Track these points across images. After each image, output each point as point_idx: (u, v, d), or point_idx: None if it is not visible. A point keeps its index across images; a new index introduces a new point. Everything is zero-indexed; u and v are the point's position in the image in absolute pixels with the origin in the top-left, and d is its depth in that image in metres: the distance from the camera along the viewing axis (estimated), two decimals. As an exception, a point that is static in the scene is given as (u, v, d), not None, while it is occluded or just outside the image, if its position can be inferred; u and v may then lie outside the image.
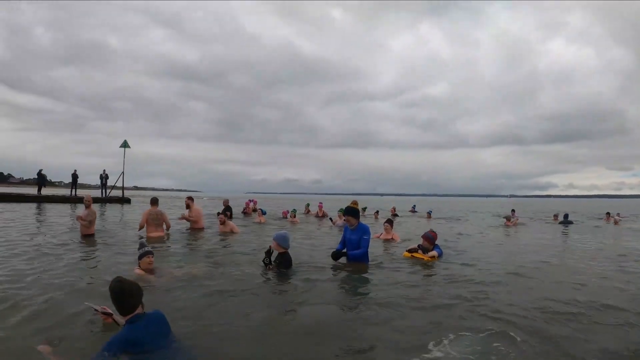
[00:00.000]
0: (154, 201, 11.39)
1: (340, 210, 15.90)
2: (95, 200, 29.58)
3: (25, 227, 12.40)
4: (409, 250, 8.75)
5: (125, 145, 32.74)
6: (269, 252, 6.68)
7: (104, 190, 33.95)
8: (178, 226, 12.76)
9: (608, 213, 24.63)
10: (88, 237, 10.06)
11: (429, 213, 24.22)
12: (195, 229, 12.25)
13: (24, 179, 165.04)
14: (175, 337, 3.68)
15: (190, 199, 12.98)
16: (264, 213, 17.39)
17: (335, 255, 7.42)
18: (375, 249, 9.40)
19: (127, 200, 33.44)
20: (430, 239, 8.59)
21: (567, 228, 18.17)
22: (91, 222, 10.42)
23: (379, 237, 11.40)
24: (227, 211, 16.71)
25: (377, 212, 24.05)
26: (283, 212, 20.07)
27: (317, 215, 20.78)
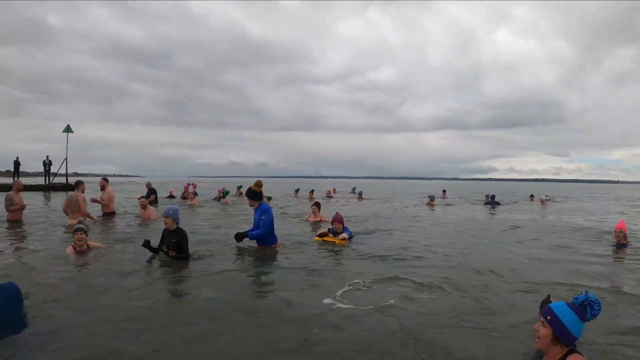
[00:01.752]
0: (75, 185, 11.26)
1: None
2: (39, 187, 29.50)
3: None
4: (320, 235, 8.87)
5: (68, 130, 31.66)
6: (147, 243, 6.41)
7: (47, 178, 32.83)
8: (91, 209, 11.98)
9: (532, 195, 26.76)
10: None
11: (360, 194, 25.42)
12: (107, 214, 12.07)
13: None
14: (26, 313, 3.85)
15: (105, 180, 12.58)
16: (224, 195, 18.96)
17: (238, 236, 7.40)
18: (293, 231, 10.00)
19: (71, 187, 32.29)
20: (339, 220, 8.85)
21: (493, 208, 19.22)
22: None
23: (307, 219, 11.91)
24: (151, 194, 17.00)
25: (312, 191, 25.10)
26: (218, 191, 20.96)
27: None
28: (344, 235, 8.53)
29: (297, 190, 27.42)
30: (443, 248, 8.06)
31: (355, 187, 35.05)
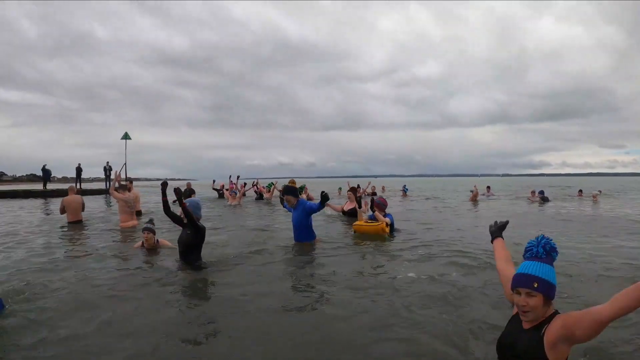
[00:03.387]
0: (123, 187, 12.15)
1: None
2: (101, 191, 31.17)
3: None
4: (358, 224, 8.98)
5: (126, 136, 33.69)
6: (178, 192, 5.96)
7: (107, 182, 33.94)
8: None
9: (580, 190, 25.73)
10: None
11: (404, 190, 25.41)
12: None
13: (17, 176, 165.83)
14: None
15: (130, 182, 13.41)
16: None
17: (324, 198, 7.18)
18: (329, 224, 10.58)
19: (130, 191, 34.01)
20: (380, 205, 8.95)
21: (542, 204, 18.97)
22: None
23: (343, 208, 12.01)
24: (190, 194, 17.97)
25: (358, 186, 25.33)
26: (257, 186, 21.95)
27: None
28: (386, 220, 8.57)
29: (340, 189, 26.48)
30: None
31: (405, 185, 34.19)
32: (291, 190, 7.83)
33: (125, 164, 34.02)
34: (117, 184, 12.36)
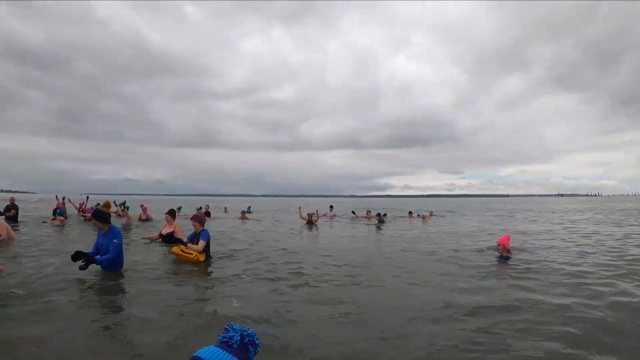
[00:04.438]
0: None
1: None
2: None
3: None
4: (178, 245, 8.86)
5: None
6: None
7: None
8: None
9: (410, 212, 28.42)
10: None
11: (243, 212, 25.19)
12: None
13: None
14: None
15: None
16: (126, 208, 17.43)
17: (74, 257, 6.78)
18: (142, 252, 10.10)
19: None
20: (200, 219, 8.96)
21: (379, 227, 19.85)
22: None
23: (160, 232, 11.62)
24: (12, 209, 16.61)
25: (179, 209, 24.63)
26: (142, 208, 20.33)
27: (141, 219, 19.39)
28: (197, 247, 8.52)
29: (179, 208, 25.10)
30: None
31: (250, 207, 34.26)
32: (99, 215, 7.26)
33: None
34: None
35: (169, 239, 10.87)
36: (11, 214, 16.53)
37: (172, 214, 11.64)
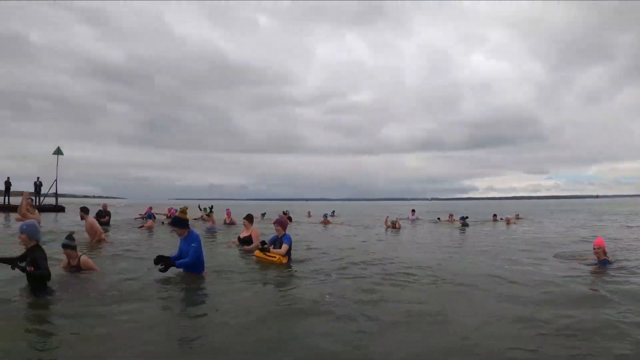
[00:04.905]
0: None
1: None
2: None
3: None
4: (261, 249, 8.81)
5: (58, 152, 33.18)
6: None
7: (37, 198, 33.07)
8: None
9: (494, 215, 26.07)
10: None
11: (325, 216, 24.24)
12: None
13: None
14: None
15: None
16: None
17: (156, 260, 7.01)
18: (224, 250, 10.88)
19: (61, 208, 33.61)
20: (282, 223, 8.90)
21: (463, 229, 19.25)
22: None
23: (238, 236, 11.68)
24: (105, 215, 17.57)
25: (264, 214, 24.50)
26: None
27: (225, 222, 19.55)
28: (281, 251, 8.53)
29: (263, 214, 24.97)
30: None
31: (334, 211, 33.87)
32: (177, 222, 7.42)
33: (56, 180, 33.90)
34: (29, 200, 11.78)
35: (246, 243, 10.98)
36: (105, 219, 17.26)
37: (249, 218, 11.64)
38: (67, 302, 5.46)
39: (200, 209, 18.77)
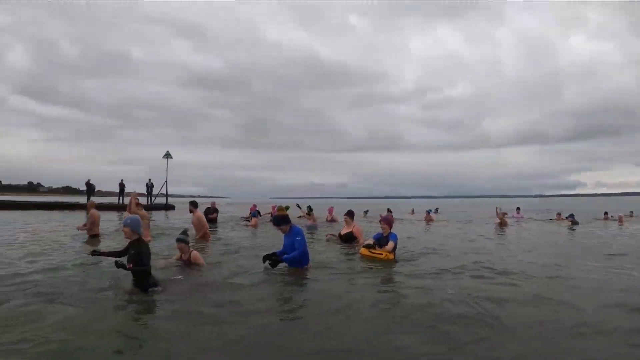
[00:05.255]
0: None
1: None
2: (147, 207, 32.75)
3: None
4: (366, 246, 8.72)
5: (167, 155, 35.97)
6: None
7: (149, 198, 36.26)
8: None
9: (605, 212, 23.89)
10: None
11: (428, 212, 23.25)
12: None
13: (53, 187, 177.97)
14: None
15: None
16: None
17: (264, 258, 7.28)
18: (329, 247, 10.62)
19: (171, 207, 36.18)
20: (388, 221, 8.69)
21: (572, 228, 17.93)
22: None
23: (339, 233, 11.50)
24: (213, 212, 18.12)
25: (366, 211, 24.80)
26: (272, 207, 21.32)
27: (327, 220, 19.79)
28: (388, 247, 8.32)
29: (366, 212, 25.48)
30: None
31: (437, 208, 32.60)
32: (278, 220, 7.59)
33: (166, 181, 36.21)
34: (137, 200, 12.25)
35: (347, 240, 10.91)
36: (213, 216, 17.99)
37: (350, 214, 11.48)
38: (172, 295, 5.64)
39: (300, 208, 18.95)
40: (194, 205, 12.60)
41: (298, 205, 19.08)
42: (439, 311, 4.97)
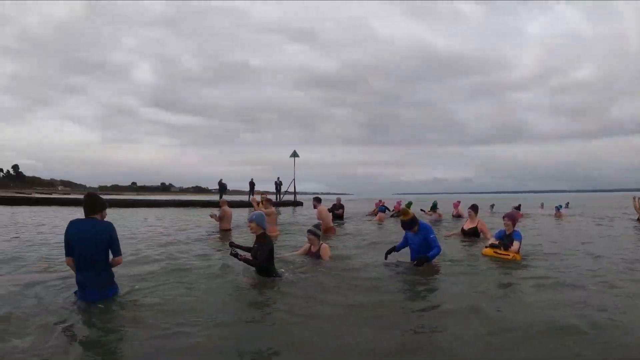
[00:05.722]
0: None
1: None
2: (277, 204, 34.59)
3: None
4: (490, 246, 8.17)
5: (294, 154, 38.24)
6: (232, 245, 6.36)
7: (278, 195, 38.57)
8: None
9: None
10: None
11: (558, 208, 21.52)
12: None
13: (183, 187, 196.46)
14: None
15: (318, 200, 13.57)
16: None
17: (387, 254, 7.53)
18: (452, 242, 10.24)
19: (299, 203, 37.82)
20: (512, 218, 8.33)
21: None
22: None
23: (462, 228, 11.27)
24: (339, 208, 18.69)
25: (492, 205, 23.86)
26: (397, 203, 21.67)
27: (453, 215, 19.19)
28: (514, 248, 7.83)
29: (492, 206, 24.30)
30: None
31: (568, 203, 30.82)
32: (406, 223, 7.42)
33: (294, 179, 38.22)
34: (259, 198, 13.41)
35: (471, 235, 10.63)
36: (339, 212, 18.56)
37: (474, 208, 11.17)
38: (294, 285, 6.02)
39: (423, 211, 18.39)
40: (317, 200, 13.34)
41: (422, 210, 18.64)
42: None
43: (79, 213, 5.30)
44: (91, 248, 4.74)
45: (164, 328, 4.21)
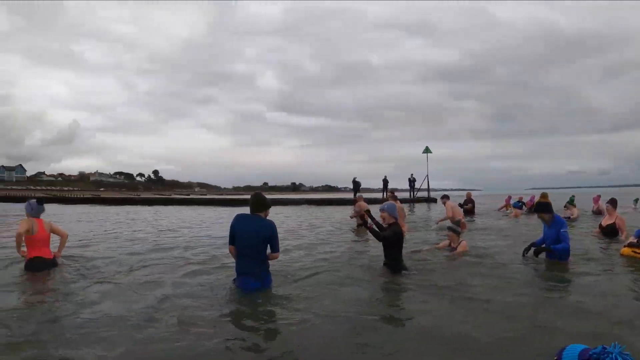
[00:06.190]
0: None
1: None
2: (404, 200, 35.22)
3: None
4: (629, 245, 7.52)
5: (427, 150, 38.19)
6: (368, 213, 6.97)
7: (412, 192, 38.94)
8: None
9: None
10: None
11: None
12: None
13: (313, 186, 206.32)
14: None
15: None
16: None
17: (536, 251, 7.22)
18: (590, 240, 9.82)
19: (433, 200, 37.35)
20: None
21: None
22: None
23: (600, 224, 10.68)
24: (469, 203, 18.92)
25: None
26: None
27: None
28: None
29: (636, 200, 22.36)
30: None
31: None
32: (542, 207, 7.40)
33: (427, 175, 38.39)
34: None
35: (610, 233, 10.08)
36: (469, 207, 18.90)
37: (613, 203, 10.50)
38: (419, 277, 6.31)
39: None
40: (445, 197, 14.42)
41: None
42: None
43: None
44: (253, 241, 5.18)
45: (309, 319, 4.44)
